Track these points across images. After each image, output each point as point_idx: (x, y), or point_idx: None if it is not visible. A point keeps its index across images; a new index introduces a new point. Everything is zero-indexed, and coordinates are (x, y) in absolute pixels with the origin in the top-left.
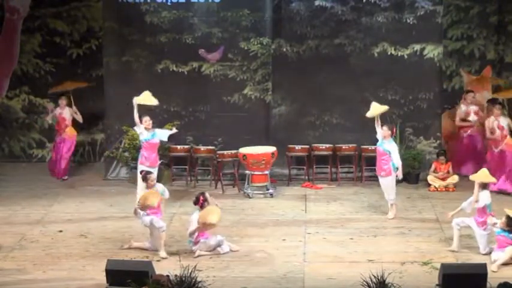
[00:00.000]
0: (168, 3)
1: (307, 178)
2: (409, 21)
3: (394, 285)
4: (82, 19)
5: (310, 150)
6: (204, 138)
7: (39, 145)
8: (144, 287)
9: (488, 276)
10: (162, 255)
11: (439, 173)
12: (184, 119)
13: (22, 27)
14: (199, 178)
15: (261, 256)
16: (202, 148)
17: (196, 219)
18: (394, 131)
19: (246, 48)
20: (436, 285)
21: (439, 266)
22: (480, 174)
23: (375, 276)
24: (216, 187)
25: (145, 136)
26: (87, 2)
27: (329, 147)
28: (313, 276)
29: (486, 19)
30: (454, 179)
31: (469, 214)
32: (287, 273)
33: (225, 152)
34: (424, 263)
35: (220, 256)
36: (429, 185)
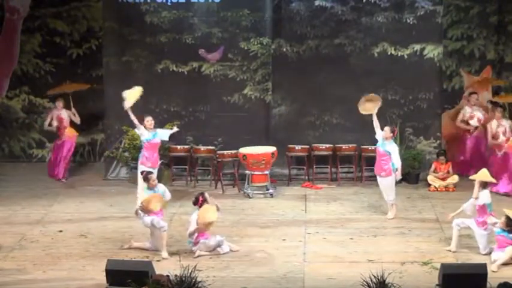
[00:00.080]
0: (168, 3)
1: (307, 178)
2: (409, 21)
3: (394, 285)
4: (82, 19)
5: (310, 150)
6: (204, 138)
7: (39, 145)
8: (144, 287)
9: (488, 276)
10: (164, 255)
11: (439, 173)
12: (184, 119)
13: (22, 27)
14: (199, 178)
15: (261, 256)
16: (202, 148)
17: (196, 219)
18: (395, 132)
19: (246, 48)
20: (436, 285)
21: (439, 266)
22: (480, 173)
23: (375, 276)
24: (216, 187)
25: (146, 136)
26: (87, 2)
27: (329, 147)
28: (313, 276)
29: (486, 19)
30: (454, 179)
31: (470, 216)
32: (287, 273)
33: (225, 152)
34: (424, 263)
35: (220, 256)
36: (429, 185)
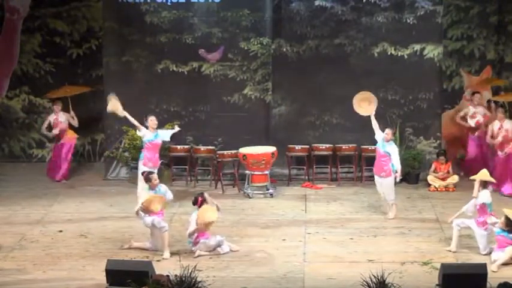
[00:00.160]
0: (168, 3)
1: (307, 178)
2: (409, 21)
3: (394, 285)
4: (82, 19)
5: (310, 150)
6: (204, 138)
7: (39, 145)
8: (144, 287)
9: (488, 276)
10: (166, 256)
11: (439, 173)
12: (184, 119)
13: (22, 27)
14: (199, 178)
15: (261, 256)
16: (202, 148)
17: (195, 219)
18: (394, 131)
19: (246, 48)
20: (436, 285)
21: (439, 266)
22: (480, 173)
23: (375, 276)
24: (216, 187)
25: (148, 137)
26: (87, 2)
27: (329, 147)
28: (313, 276)
29: (486, 19)
30: (454, 179)
31: (471, 216)
32: (287, 273)
33: (225, 152)
34: (424, 263)
35: (220, 256)
36: (429, 185)
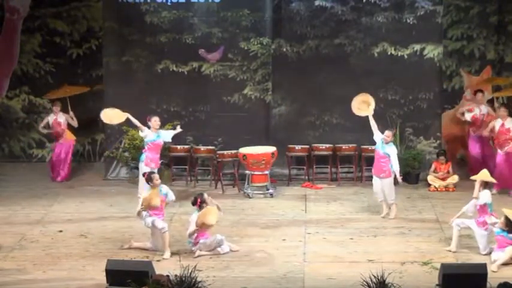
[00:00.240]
0: (168, 3)
1: (307, 178)
2: (409, 21)
3: (394, 285)
4: (82, 19)
5: (310, 150)
6: (204, 138)
7: (39, 145)
8: (144, 287)
9: (488, 276)
10: (167, 256)
11: (439, 173)
12: (184, 119)
13: (22, 27)
14: (199, 178)
15: (261, 256)
16: (202, 148)
17: (195, 220)
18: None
19: (246, 48)
20: (436, 285)
21: (439, 266)
22: (481, 174)
23: (375, 276)
24: (216, 187)
25: (150, 137)
26: (87, 2)
27: (329, 147)
28: (313, 276)
29: (486, 19)
30: (454, 179)
31: (471, 217)
32: (287, 273)
33: (225, 152)
34: (424, 263)
35: (220, 256)
36: (429, 185)
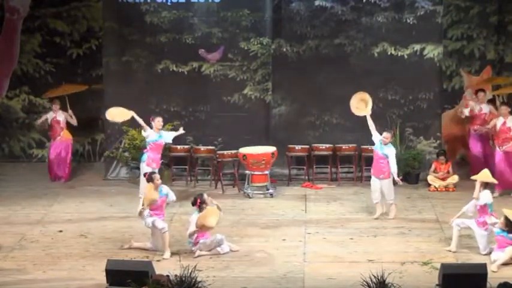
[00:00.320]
0: (168, 3)
1: (307, 178)
2: (409, 21)
3: (394, 285)
4: (82, 19)
5: (310, 150)
6: (204, 138)
7: (39, 145)
8: (144, 287)
9: (488, 276)
10: (167, 256)
11: (439, 173)
12: (184, 119)
13: (22, 27)
14: (199, 178)
15: (261, 256)
16: (202, 148)
17: (195, 220)
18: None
19: (246, 48)
20: (436, 285)
21: (439, 266)
22: (481, 174)
23: (375, 276)
24: (216, 187)
25: (152, 138)
26: (87, 2)
27: (329, 147)
28: (313, 276)
29: (486, 19)
30: (454, 179)
31: (471, 217)
32: (287, 273)
33: (225, 152)
34: (424, 263)
35: (220, 256)
36: (429, 185)
